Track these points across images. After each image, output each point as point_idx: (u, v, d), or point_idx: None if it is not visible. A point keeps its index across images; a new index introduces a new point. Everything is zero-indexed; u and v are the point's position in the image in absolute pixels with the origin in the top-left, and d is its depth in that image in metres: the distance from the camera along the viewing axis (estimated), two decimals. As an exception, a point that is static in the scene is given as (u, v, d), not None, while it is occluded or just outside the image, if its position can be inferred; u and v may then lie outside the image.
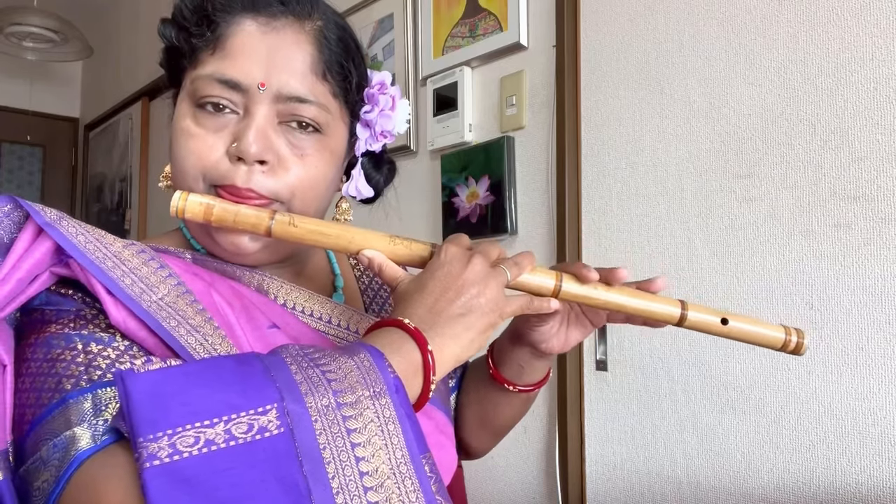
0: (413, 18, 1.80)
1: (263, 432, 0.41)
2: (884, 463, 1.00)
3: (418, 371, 0.51)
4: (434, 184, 1.72)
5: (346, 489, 0.42)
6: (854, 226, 1.04)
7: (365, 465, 0.43)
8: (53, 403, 0.48)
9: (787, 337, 0.65)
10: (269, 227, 0.59)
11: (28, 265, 0.52)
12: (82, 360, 0.50)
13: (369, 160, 0.76)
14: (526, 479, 1.47)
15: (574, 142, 1.40)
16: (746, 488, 1.13)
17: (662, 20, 1.29)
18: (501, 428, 0.83)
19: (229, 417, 0.41)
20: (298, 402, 0.43)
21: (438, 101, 1.68)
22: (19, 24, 2.91)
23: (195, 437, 0.40)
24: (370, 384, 0.46)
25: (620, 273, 0.64)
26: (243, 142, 0.59)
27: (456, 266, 0.57)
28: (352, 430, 0.44)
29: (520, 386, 0.76)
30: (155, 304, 0.54)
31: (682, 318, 0.64)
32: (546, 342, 0.71)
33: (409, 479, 0.44)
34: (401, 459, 0.44)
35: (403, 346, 0.52)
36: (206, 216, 0.58)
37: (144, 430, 0.40)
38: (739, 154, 1.17)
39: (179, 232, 0.70)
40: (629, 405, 1.30)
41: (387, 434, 0.45)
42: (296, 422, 0.42)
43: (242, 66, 0.60)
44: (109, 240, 0.57)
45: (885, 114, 1.02)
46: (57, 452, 0.45)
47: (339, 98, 0.66)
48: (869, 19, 1.04)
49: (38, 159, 4.09)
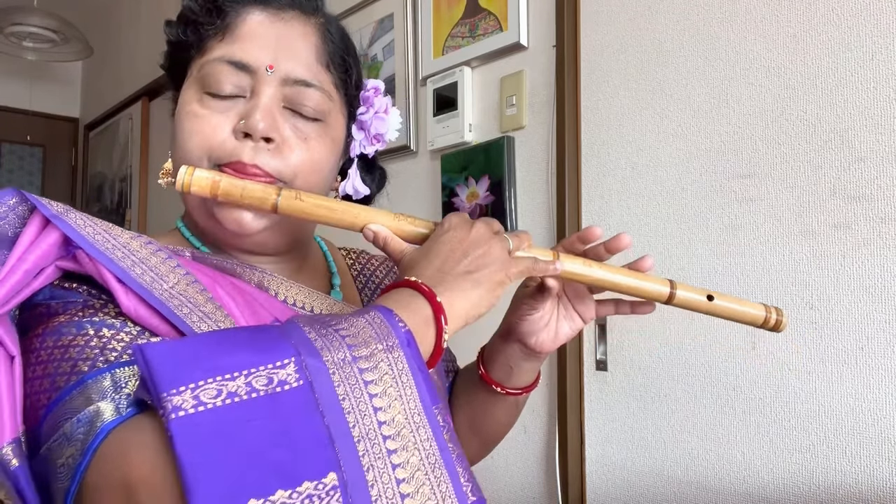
0: (413, 18, 1.80)
1: (283, 385, 0.42)
2: (883, 463, 1.00)
3: (429, 323, 0.52)
4: (434, 184, 1.72)
5: (366, 437, 0.43)
6: (854, 226, 1.04)
7: (382, 414, 0.44)
8: (71, 385, 0.48)
9: (767, 315, 0.69)
10: (276, 203, 0.59)
11: (34, 257, 0.52)
12: (96, 343, 0.51)
13: (362, 164, 0.77)
14: (526, 479, 1.47)
15: (574, 142, 1.40)
16: (746, 488, 1.13)
17: (662, 20, 1.29)
18: (490, 435, 0.83)
19: (249, 371, 0.42)
20: (315, 356, 0.44)
21: (438, 101, 1.68)
22: (19, 24, 2.91)
23: (217, 390, 0.40)
24: (383, 338, 0.47)
25: (623, 238, 0.67)
26: (252, 118, 0.60)
27: (460, 231, 0.59)
28: (368, 382, 0.45)
29: (508, 388, 0.76)
30: (166, 292, 0.54)
31: (671, 297, 0.66)
32: (536, 335, 0.71)
33: (423, 427, 0.45)
34: (414, 410, 0.45)
35: (413, 302, 0.52)
36: (212, 190, 0.59)
37: (167, 385, 0.40)
38: (739, 154, 1.17)
39: (177, 231, 0.70)
40: (629, 405, 1.30)
41: (400, 385, 0.46)
42: (314, 375, 0.43)
43: (251, 49, 0.62)
44: (117, 231, 0.57)
45: (885, 114, 1.02)
46: (81, 427, 0.46)
47: (340, 91, 0.68)
48: (869, 19, 1.04)
49: (38, 159, 4.09)
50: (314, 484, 0.39)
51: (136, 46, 3.36)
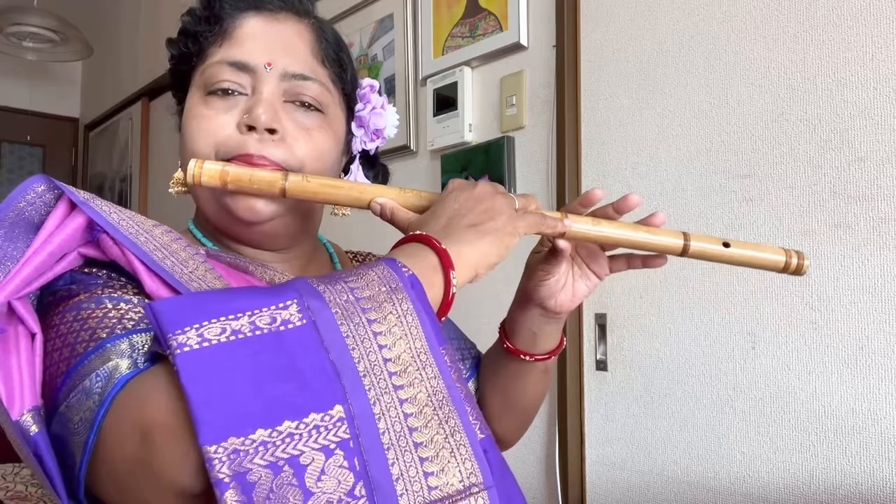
0: (413, 18, 1.80)
1: (287, 324, 0.43)
2: (884, 463, 1.00)
3: (436, 270, 0.52)
4: (434, 184, 1.72)
5: (371, 372, 0.43)
6: (854, 226, 1.04)
7: (388, 352, 0.44)
8: (90, 350, 0.49)
9: (788, 259, 0.66)
10: (284, 187, 0.61)
11: (59, 239, 0.53)
12: (114, 314, 0.52)
13: (364, 162, 0.79)
14: (526, 480, 1.47)
15: (574, 142, 1.40)
16: (746, 488, 1.13)
17: (662, 20, 1.29)
18: (525, 408, 0.83)
19: (252, 312, 0.43)
20: (317, 297, 0.45)
21: (438, 101, 1.68)
22: (19, 24, 2.91)
23: (221, 328, 0.41)
24: (386, 281, 0.48)
25: (632, 198, 0.66)
26: (254, 111, 0.63)
27: (464, 191, 0.60)
28: (372, 321, 0.45)
29: (536, 355, 0.76)
30: (186, 275, 0.55)
31: (685, 249, 0.65)
32: (554, 297, 0.71)
33: (429, 366, 0.45)
34: (420, 349, 0.46)
35: (418, 252, 0.53)
36: (222, 178, 0.61)
37: (172, 327, 0.41)
38: (739, 154, 1.17)
39: (188, 233, 0.72)
40: (629, 405, 1.30)
41: (406, 325, 0.46)
42: (317, 314, 0.44)
43: (249, 50, 0.65)
44: (140, 219, 0.58)
45: (885, 114, 1.02)
46: (100, 381, 0.47)
47: (337, 85, 0.70)
48: (869, 19, 1.04)
49: (38, 159, 4.09)
50: (321, 416, 0.40)
51: (136, 46, 3.36)
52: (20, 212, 0.54)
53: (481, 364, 0.85)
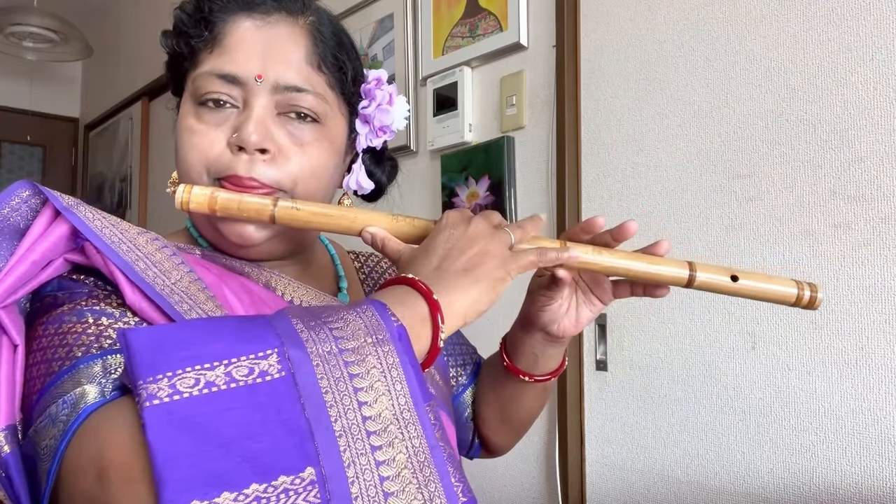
0: (413, 18, 1.80)
1: (264, 376, 0.41)
2: (884, 463, 1.00)
3: (425, 321, 0.51)
4: (434, 184, 1.72)
5: (349, 432, 0.41)
6: (854, 226, 1.04)
7: (368, 409, 0.43)
8: (63, 370, 0.48)
9: (800, 291, 0.63)
10: (273, 214, 0.59)
11: (43, 248, 0.52)
12: (93, 331, 0.51)
13: (370, 157, 0.77)
14: (526, 479, 1.47)
15: (574, 142, 1.40)
16: (746, 488, 1.13)
17: (662, 20, 1.29)
18: (522, 422, 0.82)
19: (229, 361, 0.41)
20: (299, 347, 0.43)
21: (438, 100, 1.68)
22: (19, 24, 2.91)
23: (195, 379, 0.40)
24: (373, 331, 0.46)
25: (629, 226, 0.64)
26: (243, 131, 0.60)
27: (459, 228, 0.58)
28: (354, 375, 0.43)
29: (536, 376, 0.75)
30: (168, 287, 0.54)
31: (690, 280, 0.62)
32: (557, 323, 0.70)
33: (412, 425, 0.44)
34: (404, 406, 0.44)
35: (409, 299, 0.51)
36: (210, 206, 0.59)
37: (144, 373, 0.40)
38: (739, 154, 1.17)
39: (186, 231, 0.71)
40: (629, 405, 1.30)
41: (390, 380, 0.44)
42: (297, 366, 0.42)
43: (239, 61, 0.62)
44: (125, 226, 0.57)
45: (885, 114, 1.02)
46: (66, 408, 0.46)
47: (336, 90, 0.67)
48: (869, 19, 1.04)
49: (38, 159, 4.09)
50: (291, 478, 0.38)
51: (136, 46, 3.36)
52: (4, 218, 0.52)
53: (480, 373, 0.84)
